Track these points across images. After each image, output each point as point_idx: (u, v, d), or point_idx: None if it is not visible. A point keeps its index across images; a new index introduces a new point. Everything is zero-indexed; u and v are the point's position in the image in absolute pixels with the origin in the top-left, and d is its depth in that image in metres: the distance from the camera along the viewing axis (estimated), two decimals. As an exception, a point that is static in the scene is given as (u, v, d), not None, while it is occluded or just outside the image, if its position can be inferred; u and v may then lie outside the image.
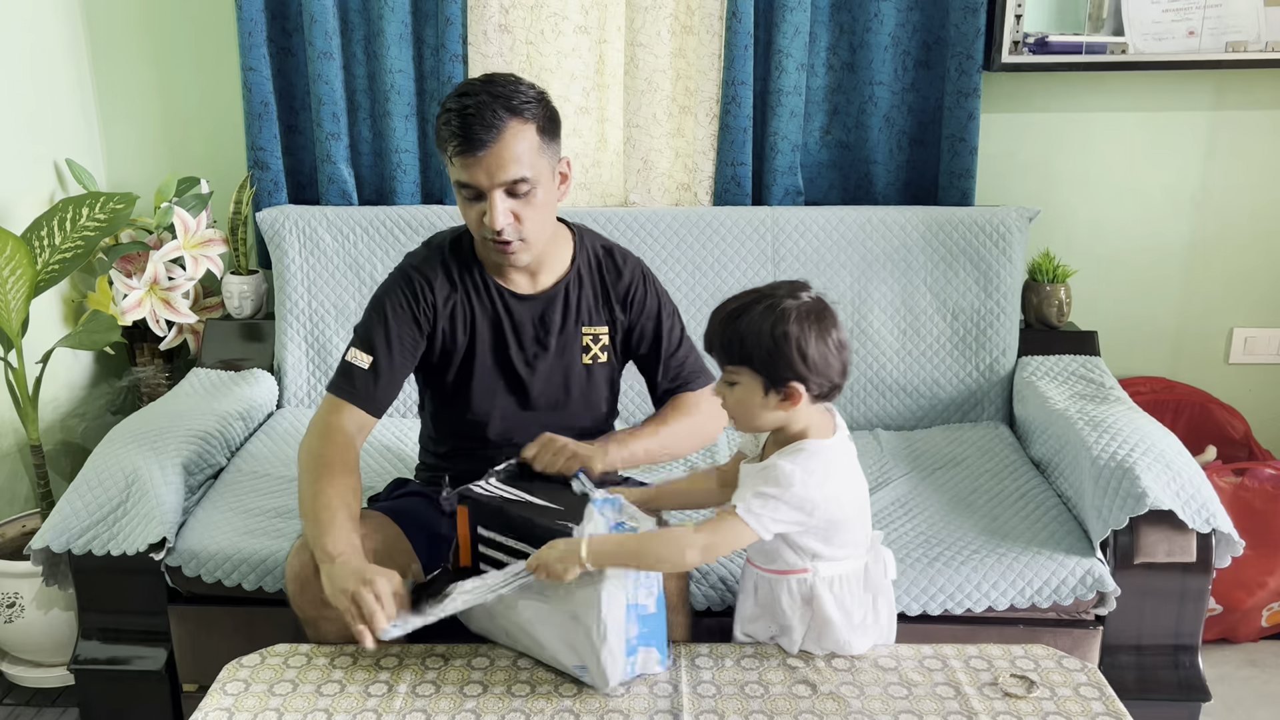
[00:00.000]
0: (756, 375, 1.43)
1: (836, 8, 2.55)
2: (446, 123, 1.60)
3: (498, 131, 1.57)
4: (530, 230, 1.64)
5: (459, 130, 1.58)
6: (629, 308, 1.82)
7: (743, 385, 1.45)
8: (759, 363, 1.42)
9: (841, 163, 2.67)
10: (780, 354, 1.40)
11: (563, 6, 2.57)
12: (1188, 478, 1.90)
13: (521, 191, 1.61)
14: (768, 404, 1.44)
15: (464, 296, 1.75)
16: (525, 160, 1.60)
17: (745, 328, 1.42)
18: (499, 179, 1.59)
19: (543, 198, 1.64)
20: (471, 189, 1.61)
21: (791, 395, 1.42)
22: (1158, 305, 2.77)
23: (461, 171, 1.60)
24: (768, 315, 1.41)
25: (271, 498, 2.09)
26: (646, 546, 1.43)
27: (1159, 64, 2.53)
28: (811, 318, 1.42)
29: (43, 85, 2.55)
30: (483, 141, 1.57)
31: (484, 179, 1.59)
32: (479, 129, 1.56)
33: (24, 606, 2.21)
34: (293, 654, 1.58)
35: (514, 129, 1.59)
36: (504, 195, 1.61)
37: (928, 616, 1.86)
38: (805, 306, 1.43)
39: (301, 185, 2.72)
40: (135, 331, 2.62)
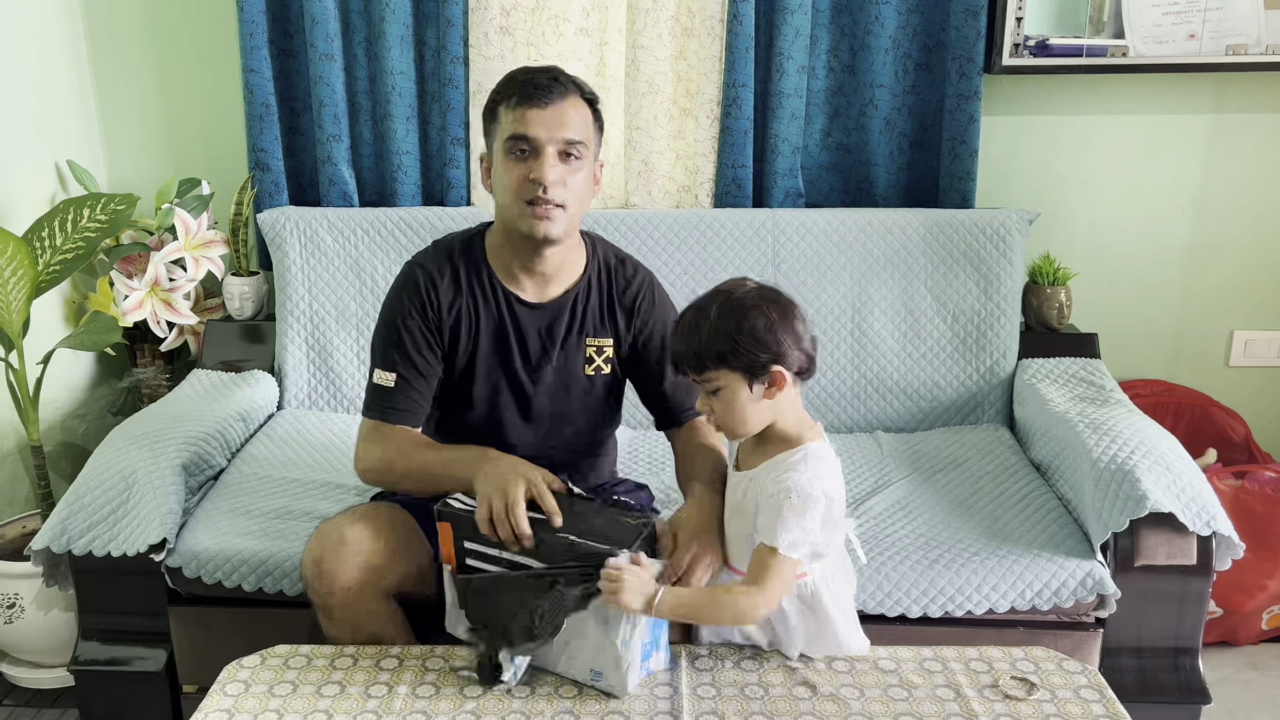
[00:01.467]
0: (735, 372, 1.44)
1: (837, 10, 2.56)
2: (510, 80, 1.65)
3: (564, 92, 1.63)
4: (571, 198, 1.64)
5: (525, 81, 1.62)
6: (634, 318, 1.80)
7: (726, 388, 1.45)
8: (735, 358, 1.42)
9: (842, 165, 2.67)
10: (753, 341, 1.42)
11: (564, 9, 2.57)
12: (1188, 480, 1.90)
13: (574, 155, 1.64)
14: (755, 398, 1.45)
15: (470, 299, 1.74)
16: (582, 128, 1.64)
17: (709, 331, 1.43)
18: (558, 134, 1.61)
19: (584, 177, 1.67)
20: (527, 142, 1.61)
21: (776, 380, 1.44)
22: (1158, 308, 2.77)
23: (519, 124, 1.61)
24: (726, 310, 1.43)
25: (272, 499, 2.09)
26: (719, 607, 1.46)
27: (1159, 67, 2.53)
28: (765, 299, 1.45)
29: (44, 86, 2.55)
30: (549, 94, 1.61)
31: (543, 131, 1.61)
32: (547, 83, 1.62)
33: (24, 607, 2.21)
34: (293, 655, 1.58)
35: (576, 99, 1.65)
36: (556, 156, 1.62)
37: (928, 619, 1.86)
38: (755, 292, 1.46)
39: (302, 187, 2.72)
40: (136, 332, 2.62)
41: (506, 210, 1.67)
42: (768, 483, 1.45)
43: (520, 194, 1.63)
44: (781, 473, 1.44)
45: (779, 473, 1.45)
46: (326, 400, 2.53)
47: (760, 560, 1.44)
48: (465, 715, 1.44)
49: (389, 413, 1.72)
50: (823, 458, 1.46)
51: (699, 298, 1.49)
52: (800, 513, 1.41)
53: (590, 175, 1.69)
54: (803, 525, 1.41)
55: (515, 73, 1.67)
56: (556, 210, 1.63)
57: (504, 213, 1.69)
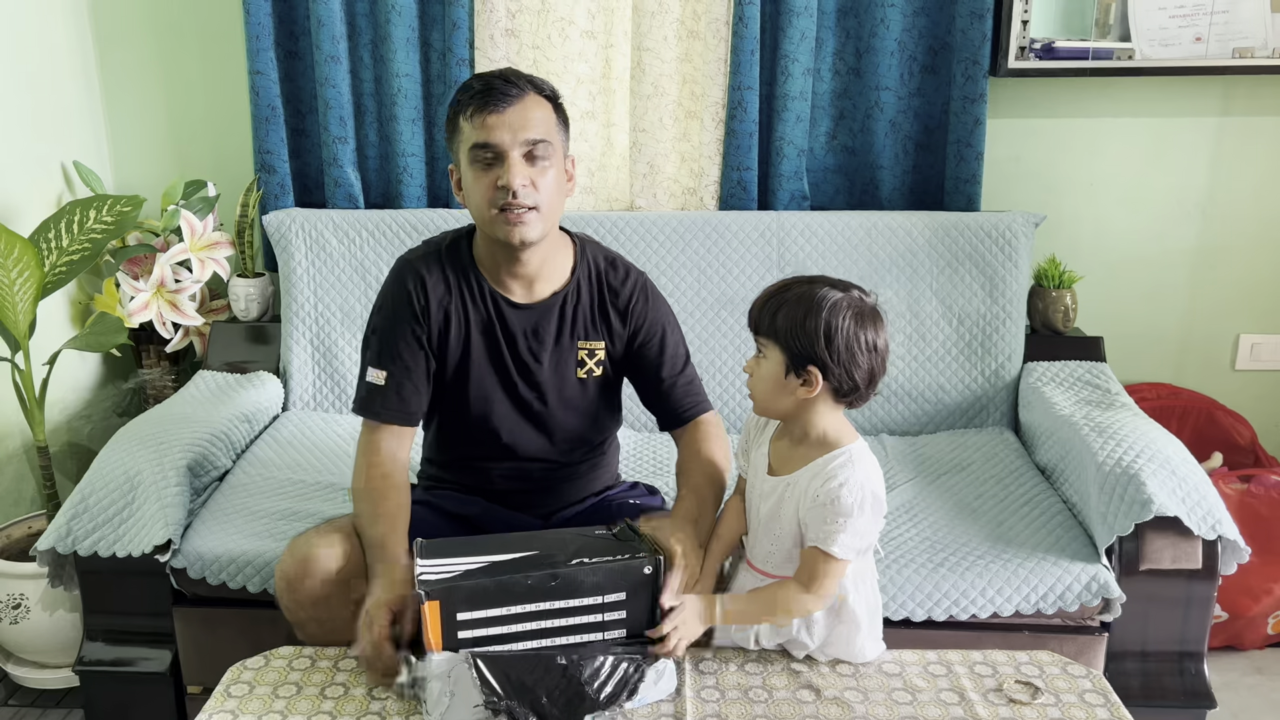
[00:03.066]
0: (781, 352, 1.44)
1: (843, 13, 2.55)
2: (465, 89, 1.63)
3: (520, 93, 1.61)
4: (544, 199, 1.63)
5: (481, 89, 1.60)
6: (628, 321, 1.78)
7: (769, 360, 1.46)
8: (785, 338, 1.42)
9: (847, 168, 2.67)
10: (806, 334, 1.41)
11: (569, 11, 2.57)
12: (1194, 484, 1.90)
13: (539, 156, 1.62)
14: (786, 386, 1.45)
15: (459, 299, 1.74)
16: (544, 127, 1.62)
17: (784, 301, 1.43)
18: (521, 136, 1.60)
19: (555, 177, 1.65)
20: (490, 149, 1.60)
21: (810, 381, 1.43)
22: (1164, 311, 2.77)
23: (480, 131, 1.59)
24: (808, 295, 1.43)
25: (276, 500, 2.09)
26: (775, 610, 1.48)
27: (1165, 70, 2.53)
28: (850, 310, 1.43)
29: (51, 88, 2.56)
30: (507, 98, 1.59)
31: (506, 136, 1.59)
32: (502, 87, 1.60)
33: (29, 608, 2.21)
34: (297, 656, 1.58)
35: (534, 98, 1.63)
36: (522, 160, 1.61)
37: (932, 622, 1.86)
38: (850, 300, 1.45)
39: (308, 188, 2.73)
40: (141, 334, 2.63)
41: (481, 219, 1.67)
42: (814, 487, 1.45)
43: (491, 202, 1.62)
44: (828, 477, 1.43)
45: (825, 477, 1.44)
46: (331, 402, 2.54)
47: (812, 563, 1.44)
48: (469, 717, 1.44)
49: (380, 412, 1.72)
50: (865, 459, 1.47)
51: (813, 276, 1.49)
52: (853, 515, 1.41)
53: (561, 173, 1.67)
54: (855, 527, 1.42)
55: (470, 81, 1.65)
56: (530, 214, 1.62)
57: (479, 222, 1.69)
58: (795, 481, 1.48)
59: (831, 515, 1.42)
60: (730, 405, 2.49)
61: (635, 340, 1.79)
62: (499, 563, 1.45)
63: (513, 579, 1.42)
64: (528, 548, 1.48)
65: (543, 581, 1.42)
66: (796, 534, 1.48)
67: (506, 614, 1.42)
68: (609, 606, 1.44)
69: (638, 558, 1.44)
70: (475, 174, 1.63)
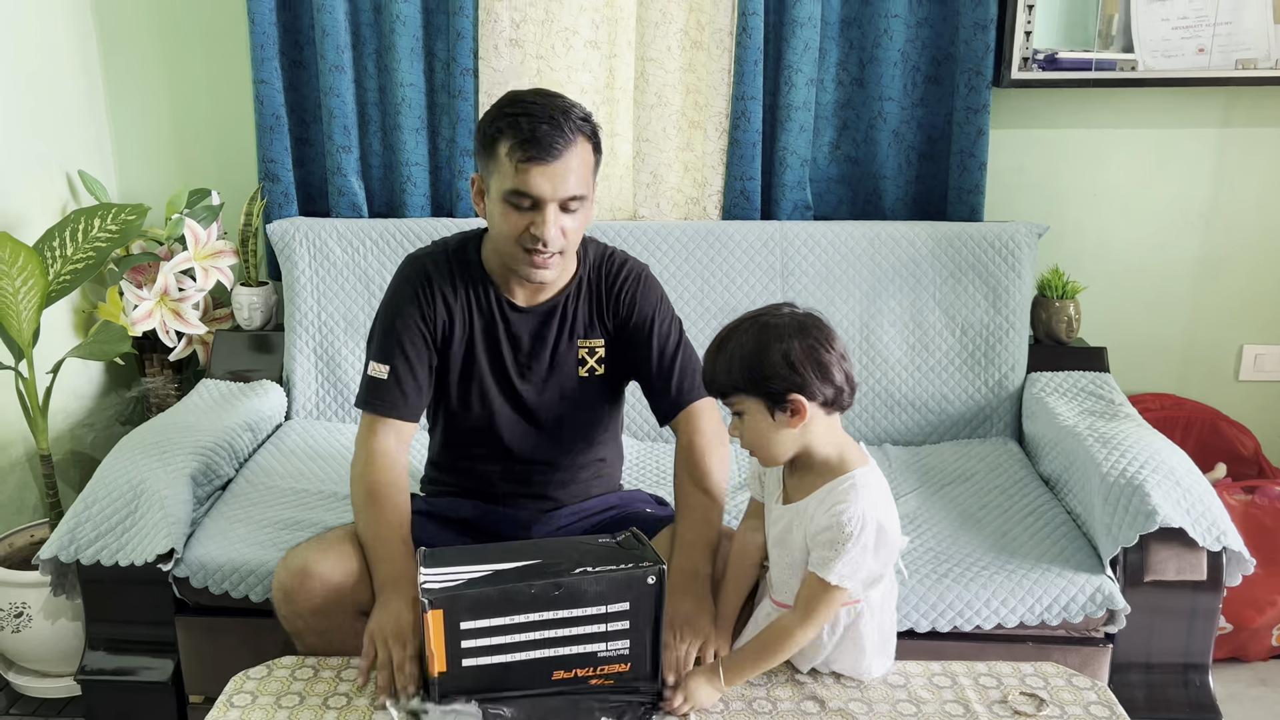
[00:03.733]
0: (757, 399, 1.42)
1: (846, 24, 2.56)
2: (512, 124, 1.56)
3: (567, 144, 1.56)
4: (570, 243, 1.63)
5: (529, 134, 1.55)
6: (619, 309, 1.77)
7: (749, 413, 1.44)
8: (754, 384, 1.41)
9: (850, 178, 2.67)
10: (771, 368, 1.40)
11: (574, 21, 2.58)
12: (1198, 495, 1.89)
13: (574, 208, 1.61)
14: (777, 426, 1.43)
15: (464, 301, 1.74)
16: (584, 179, 1.61)
17: (732, 353, 1.42)
18: (561, 193, 1.58)
19: (584, 217, 1.64)
20: (528, 199, 1.58)
21: (797, 410, 1.41)
22: (1167, 322, 2.77)
23: (521, 179, 1.56)
24: (750, 334, 1.42)
25: (279, 509, 2.09)
26: (773, 650, 1.46)
27: (1168, 81, 2.53)
28: (794, 327, 1.42)
29: (55, 97, 2.56)
30: (555, 151, 1.55)
31: (547, 190, 1.57)
32: (550, 137, 1.55)
33: (31, 616, 2.21)
34: (299, 666, 1.57)
35: (580, 147, 1.59)
36: (558, 210, 1.59)
37: (936, 633, 1.85)
38: (788, 319, 1.43)
39: (312, 197, 2.73)
40: (145, 342, 2.63)
41: (503, 250, 1.66)
42: (819, 515, 1.43)
43: (520, 242, 1.62)
44: (832, 504, 1.42)
45: (829, 505, 1.42)
46: (335, 410, 2.54)
47: (811, 589, 1.43)
48: (472, 728, 1.44)
49: (381, 405, 1.72)
50: (870, 485, 1.44)
51: (735, 320, 1.47)
52: (852, 545, 1.39)
53: (590, 210, 1.66)
54: (852, 558, 1.39)
55: (515, 115, 1.57)
56: (554, 258, 1.63)
57: (500, 248, 1.68)
58: (804, 509, 1.47)
59: (829, 542, 1.40)
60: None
61: (626, 326, 1.77)
62: (503, 571, 1.44)
63: (516, 587, 1.41)
64: (532, 556, 1.47)
65: (546, 590, 1.41)
66: (804, 561, 1.47)
67: (510, 623, 1.41)
68: (612, 616, 1.43)
69: (641, 567, 1.43)
70: (507, 211, 1.61)
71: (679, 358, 1.78)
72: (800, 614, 1.44)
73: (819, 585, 1.42)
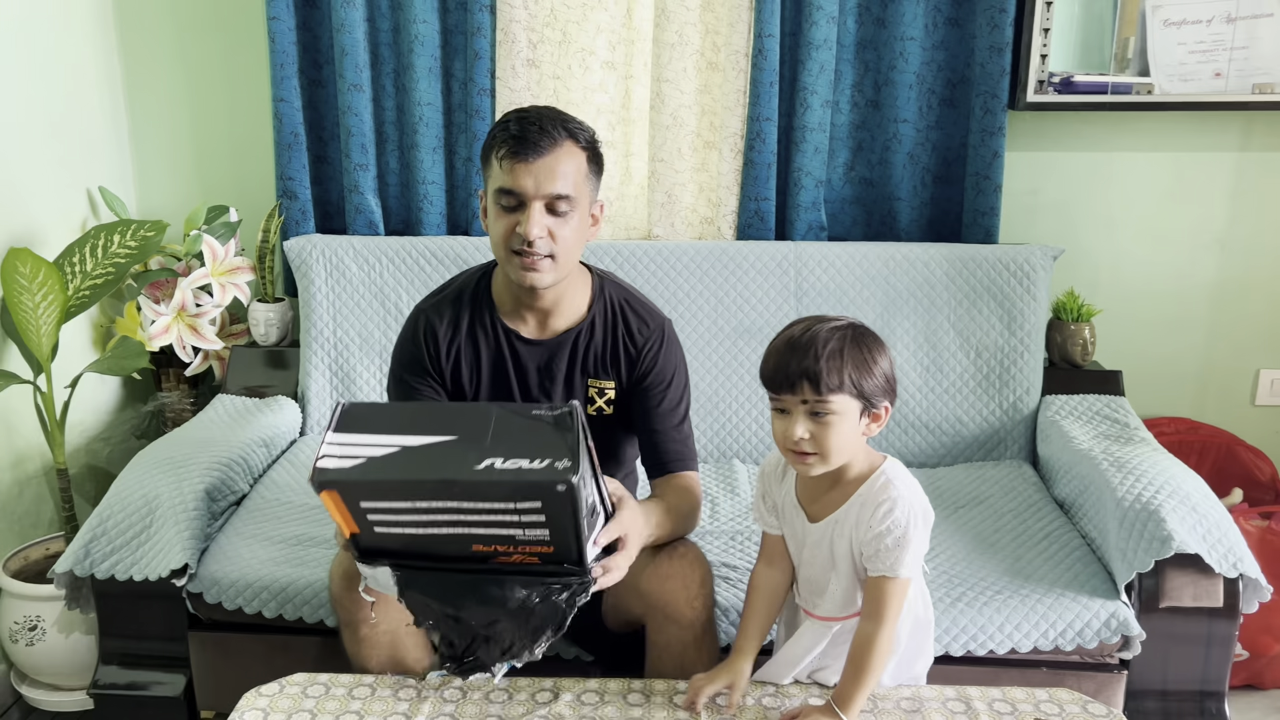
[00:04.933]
0: (857, 402, 1.43)
1: (862, 45, 2.57)
2: (503, 127, 1.62)
3: (553, 143, 1.60)
4: (561, 249, 1.63)
5: (516, 133, 1.59)
6: (638, 365, 1.77)
7: (840, 414, 1.42)
8: (866, 384, 1.42)
9: (865, 199, 2.67)
10: (876, 377, 1.43)
11: (590, 42, 2.59)
12: (1214, 521, 1.88)
13: (561, 210, 1.62)
14: (858, 428, 1.45)
15: (469, 339, 1.76)
16: (571, 180, 1.62)
17: (840, 355, 1.41)
18: (545, 189, 1.60)
19: (576, 225, 1.65)
20: (514, 196, 1.61)
21: (879, 416, 1.45)
22: (1183, 346, 2.75)
23: (507, 176, 1.60)
24: (859, 339, 1.43)
25: (293, 525, 2.10)
26: (868, 665, 1.45)
27: (1185, 105, 2.53)
28: (876, 339, 1.46)
29: (77, 114, 2.59)
30: (538, 148, 1.59)
31: (530, 186, 1.59)
32: (536, 135, 1.59)
33: (45, 630, 2.22)
34: (311, 683, 1.58)
35: (568, 148, 1.62)
36: (543, 210, 1.61)
37: (949, 657, 1.84)
38: (868, 331, 1.47)
39: (329, 215, 2.75)
40: (161, 357, 2.64)
41: (498, 257, 1.70)
42: (864, 518, 1.45)
43: (509, 245, 1.64)
44: (876, 504, 1.44)
45: (875, 505, 1.44)
46: (349, 427, 2.54)
47: (880, 592, 1.44)
48: (483, 748, 1.44)
49: None
50: (900, 474, 1.48)
51: (809, 321, 1.45)
52: (910, 534, 1.43)
53: (584, 220, 1.67)
54: (915, 547, 1.43)
55: (508, 119, 1.63)
56: (544, 261, 1.63)
57: (497, 258, 1.71)
58: (843, 519, 1.48)
59: (894, 542, 1.42)
60: (745, 435, 2.48)
61: (641, 382, 1.77)
62: (410, 449, 1.31)
63: (414, 481, 1.29)
64: (447, 430, 1.33)
65: (443, 487, 1.29)
66: (851, 570, 1.48)
67: (414, 508, 1.31)
68: (525, 511, 1.30)
69: (553, 469, 1.26)
70: (497, 214, 1.64)
71: (682, 427, 1.79)
72: (877, 619, 1.44)
73: (887, 584, 1.43)
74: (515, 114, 1.64)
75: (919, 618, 1.55)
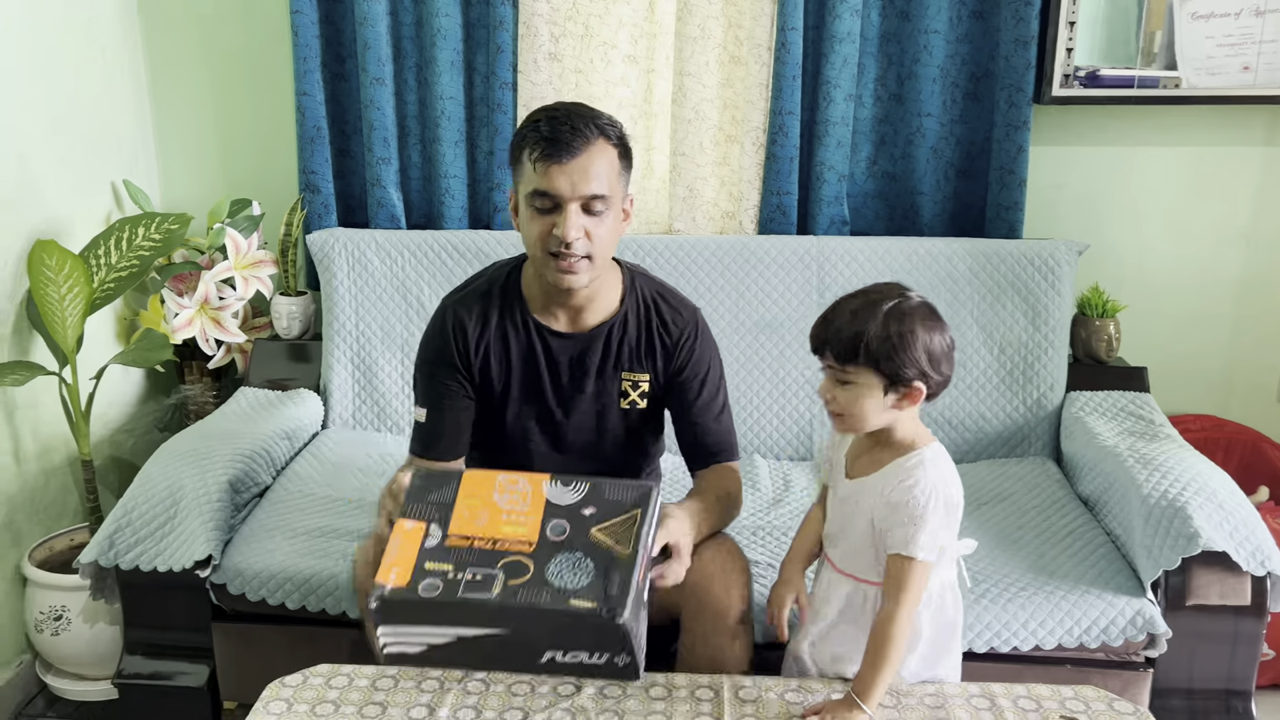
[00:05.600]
0: (878, 375, 1.43)
1: (885, 39, 2.56)
2: (534, 128, 1.61)
3: (586, 142, 1.59)
4: (597, 249, 1.63)
5: (548, 135, 1.58)
6: (674, 358, 1.77)
7: (859, 385, 1.44)
8: (886, 363, 1.41)
9: (888, 193, 2.66)
10: (906, 354, 1.41)
11: (612, 36, 2.59)
12: (1241, 518, 1.87)
13: (596, 209, 1.61)
14: (885, 404, 1.45)
15: (499, 334, 1.76)
16: (605, 178, 1.61)
17: (871, 329, 1.42)
18: (580, 190, 1.59)
19: (611, 223, 1.65)
20: (549, 199, 1.60)
21: (912, 395, 1.44)
22: (1208, 342, 2.73)
23: (542, 179, 1.59)
24: (894, 315, 1.42)
25: (316, 517, 2.10)
26: (886, 649, 1.44)
27: (1212, 99, 2.51)
28: (930, 316, 1.45)
29: (103, 108, 2.61)
30: (571, 149, 1.58)
31: (566, 188, 1.59)
32: (569, 136, 1.58)
33: (71, 620, 2.23)
34: (335, 675, 1.58)
35: (600, 145, 1.61)
36: (579, 211, 1.60)
37: (973, 654, 1.83)
38: (922, 306, 1.45)
39: (351, 209, 2.76)
40: (184, 350, 2.66)
41: (533, 258, 1.69)
42: (889, 490, 1.46)
43: (545, 246, 1.63)
44: (902, 479, 1.45)
45: (899, 479, 1.45)
46: (370, 420, 2.55)
47: (895, 571, 1.45)
48: (506, 740, 1.44)
49: (418, 446, 1.79)
50: (940, 461, 1.47)
51: (860, 291, 1.47)
52: (925, 515, 1.42)
53: (617, 217, 1.67)
54: (931, 529, 1.42)
55: (538, 118, 1.62)
56: (581, 262, 1.63)
57: (531, 259, 1.70)
58: (870, 484, 1.49)
59: (907, 518, 1.43)
60: (767, 430, 2.47)
61: (679, 375, 1.78)
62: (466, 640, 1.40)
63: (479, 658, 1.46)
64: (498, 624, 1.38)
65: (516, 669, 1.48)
66: (869, 537, 1.49)
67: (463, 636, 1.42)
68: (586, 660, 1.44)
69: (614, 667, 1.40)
70: (532, 216, 1.63)
71: (721, 417, 1.81)
72: (894, 599, 1.44)
73: (904, 564, 1.43)
74: (544, 113, 1.62)
75: (949, 619, 1.54)
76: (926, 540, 1.42)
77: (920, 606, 1.49)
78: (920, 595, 1.46)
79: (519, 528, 1.40)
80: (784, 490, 2.28)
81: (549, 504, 1.42)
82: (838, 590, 1.56)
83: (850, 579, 1.55)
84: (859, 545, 1.51)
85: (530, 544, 1.38)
